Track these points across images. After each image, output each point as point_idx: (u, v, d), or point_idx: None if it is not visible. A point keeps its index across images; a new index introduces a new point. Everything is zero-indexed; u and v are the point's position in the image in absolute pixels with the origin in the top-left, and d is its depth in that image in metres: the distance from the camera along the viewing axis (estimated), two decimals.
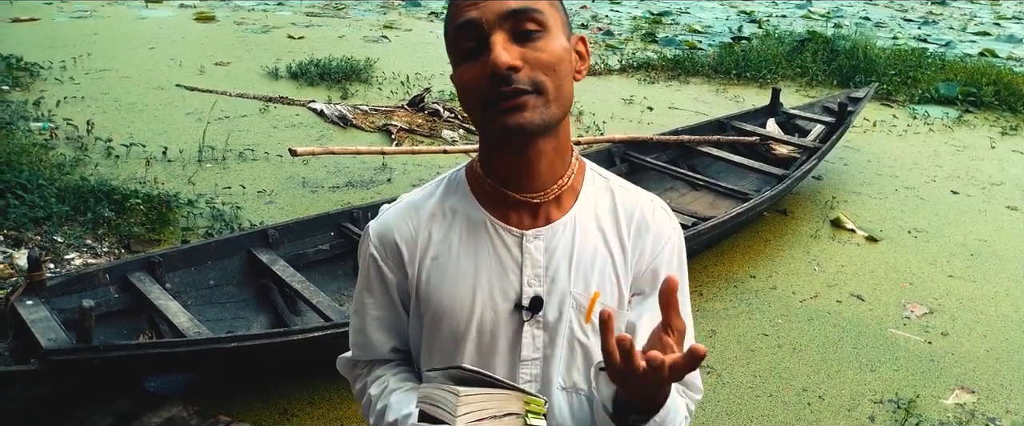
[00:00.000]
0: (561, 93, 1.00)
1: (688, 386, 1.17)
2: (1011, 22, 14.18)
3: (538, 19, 0.98)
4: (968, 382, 3.21)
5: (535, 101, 0.97)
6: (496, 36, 0.96)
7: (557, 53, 0.99)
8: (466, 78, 0.99)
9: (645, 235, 1.13)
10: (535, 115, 0.98)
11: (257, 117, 6.12)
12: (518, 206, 1.09)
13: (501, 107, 0.97)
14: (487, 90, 0.97)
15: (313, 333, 2.69)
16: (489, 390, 0.95)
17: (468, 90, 1.00)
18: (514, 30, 0.97)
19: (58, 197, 4.06)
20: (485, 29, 0.97)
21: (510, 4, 0.97)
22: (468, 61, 0.99)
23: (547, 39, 0.99)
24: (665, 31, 11.24)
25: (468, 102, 1.02)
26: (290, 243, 3.48)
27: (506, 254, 1.09)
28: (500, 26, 0.97)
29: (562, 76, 1.00)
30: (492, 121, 0.99)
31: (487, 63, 0.95)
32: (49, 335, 2.50)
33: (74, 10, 10.43)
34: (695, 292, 3.79)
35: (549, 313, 1.09)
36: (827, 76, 8.41)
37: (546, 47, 0.98)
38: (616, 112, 6.78)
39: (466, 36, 0.98)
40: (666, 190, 4.76)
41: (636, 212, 1.14)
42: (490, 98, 0.97)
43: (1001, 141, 6.64)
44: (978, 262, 4.30)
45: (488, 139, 1.07)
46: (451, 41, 1.02)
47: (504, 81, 0.95)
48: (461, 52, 1.00)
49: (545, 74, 0.98)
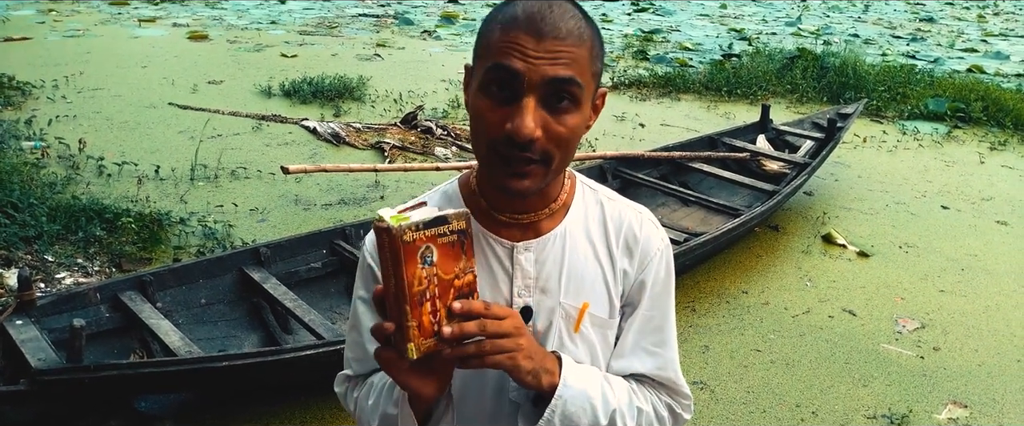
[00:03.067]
0: (564, 163, 1.04)
1: (674, 391, 1.19)
2: (998, 39, 14.33)
3: (575, 93, 0.98)
4: (961, 397, 3.22)
5: (538, 171, 1.00)
6: (529, 99, 0.96)
7: (576, 129, 1.01)
8: (485, 116, 0.99)
9: (634, 247, 1.15)
10: (534, 183, 1.01)
11: (250, 135, 6.13)
12: (509, 223, 1.12)
13: (507, 170, 0.99)
14: (499, 143, 0.98)
15: (305, 351, 2.67)
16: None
17: (483, 126, 1.00)
18: (548, 95, 0.97)
19: (49, 216, 4.05)
20: (523, 86, 0.96)
21: (559, 72, 0.96)
22: (493, 99, 0.99)
23: (573, 113, 1.00)
24: (656, 49, 11.31)
25: (477, 133, 1.02)
26: (282, 261, 3.47)
27: (497, 265, 1.11)
28: (538, 90, 0.96)
29: (571, 148, 1.02)
30: (494, 172, 1.01)
31: (511, 120, 0.96)
32: (39, 355, 2.49)
33: (67, 29, 10.44)
34: (688, 308, 3.80)
35: (539, 323, 1.12)
36: (817, 93, 8.47)
37: (569, 122, 0.99)
38: (608, 129, 6.81)
39: (502, 77, 0.97)
40: (658, 206, 4.78)
41: (625, 224, 1.16)
42: (500, 152, 0.99)
43: (990, 156, 6.69)
44: (969, 277, 4.32)
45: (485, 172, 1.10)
46: (483, 61, 1.00)
47: (520, 147, 0.97)
48: (489, 86, 0.99)
49: (557, 147, 1.00)
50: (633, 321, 1.16)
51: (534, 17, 0.96)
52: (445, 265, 0.95)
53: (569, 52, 0.96)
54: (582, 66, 0.98)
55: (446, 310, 0.95)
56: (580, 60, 0.98)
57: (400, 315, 0.93)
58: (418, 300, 0.93)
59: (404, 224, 0.91)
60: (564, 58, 0.96)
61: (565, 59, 0.96)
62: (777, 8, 18.19)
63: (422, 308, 0.94)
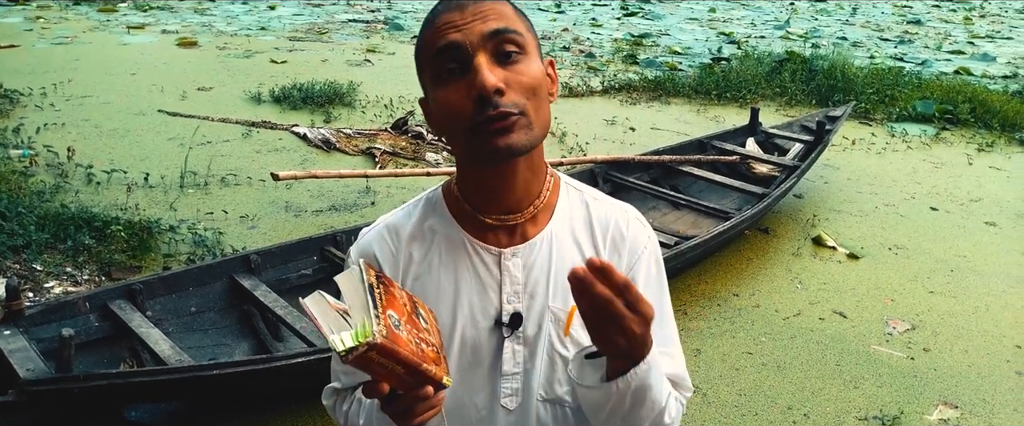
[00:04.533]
0: (540, 115, 1.02)
1: (678, 384, 1.18)
2: (984, 41, 14.44)
3: (518, 41, 1.00)
4: (951, 397, 3.23)
5: (520, 121, 0.99)
6: (480, 58, 0.98)
7: (536, 76, 1.01)
8: (449, 101, 1.00)
9: (621, 245, 1.15)
10: (522, 137, 1.00)
11: (240, 142, 6.11)
12: (495, 226, 1.11)
13: (491, 129, 0.98)
14: (473, 113, 0.98)
15: (296, 359, 2.67)
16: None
17: (451, 113, 1.00)
18: (495, 51, 0.99)
19: (37, 225, 4.02)
20: (469, 51, 0.98)
21: (491, 25, 0.99)
22: (449, 84, 1.00)
23: (526, 62, 1.01)
24: (646, 53, 11.34)
25: (450, 125, 1.02)
26: (273, 268, 3.46)
27: (485, 273, 1.11)
28: (483, 47, 0.98)
29: (541, 98, 1.02)
30: (480, 143, 1.00)
31: (472, 85, 0.97)
32: (27, 365, 2.47)
33: (55, 36, 10.39)
34: (679, 311, 3.80)
35: (528, 328, 1.12)
36: (806, 95, 8.51)
37: (527, 70, 1.00)
38: (598, 133, 6.83)
39: (448, 59, 0.99)
40: (649, 209, 4.79)
41: (611, 223, 1.16)
42: (478, 120, 0.98)
43: (978, 158, 6.73)
44: (958, 278, 4.34)
45: (466, 160, 1.09)
46: (429, 65, 1.02)
47: (491, 104, 0.97)
48: (441, 75, 1.01)
49: (527, 98, 1.00)
50: None
51: (450, 1, 1.02)
52: (398, 308, 0.96)
53: (492, 7, 1.00)
54: (511, 17, 1.01)
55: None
56: (506, 13, 1.01)
57: (420, 376, 0.94)
58: (419, 356, 0.93)
59: (374, 332, 0.89)
60: (492, 13, 1.00)
61: (493, 13, 1.00)
62: (765, 12, 18.28)
63: (424, 353, 0.95)
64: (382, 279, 0.98)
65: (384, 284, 0.98)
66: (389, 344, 0.89)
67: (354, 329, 0.91)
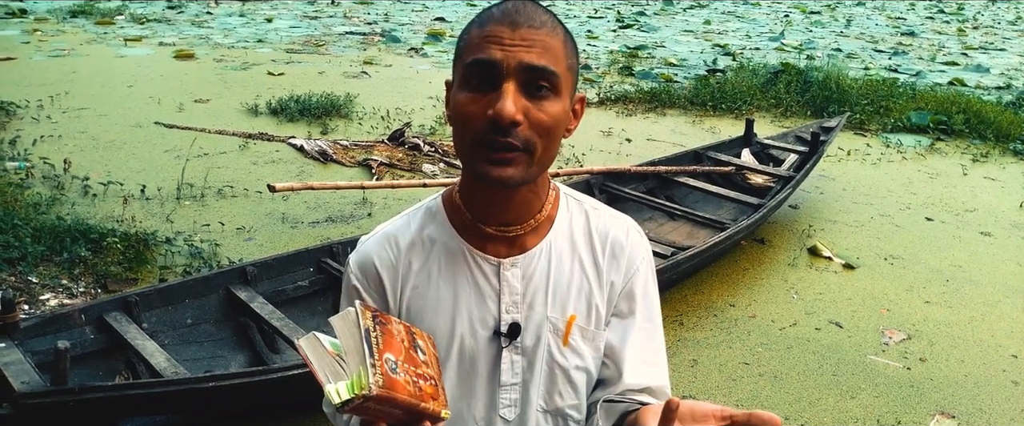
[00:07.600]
0: (547, 154, 1.03)
1: (659, 395, 1.17)
2: (978, 52, 14.52)
3: (553, 81, 1.00)
4: (948, 407, 3.23)
5: (522, 158, 1.00)
6: (509, 84, 0.98)
7: (557, 117, 1.02)
8: (466, 109, 1.01)
9: (620, 256, 1.16)
10: (517, 172, 1.01)
11: (236, 154, 6.11)
12: (495, 236, 1.11)
13: (490, 157, 0.99)
14: (482, 131, 0.99)
15: (293, 371, 2.66)
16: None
17: (464, 121, 1.01)
18: (527, 82, 0.99)
19: (33, 237, 4.02)
20: (503, 72, 0.98)
21: (533, 60, 0.98)
22: (473, 92, 1.00)
23: (553, 101, 1.01)
24: (641, 64, 11.39)
25: (459, 126, 1.03)
26: (269, 280, 3.46)
27: (484, 282, 1.11)
28: (516, 77, 0.98)
29: (553, 139, 1.03)
30: (477, 162, 1.01)
31: (492, 106, 0.97)
32: (22, 378, 2.46)
33: (52, 49, 10.41)
34: (675, 322, 3.80)
35: (527, 339, 1.12)
36: (801, 107, 8.55)
37: (550, 109, 1.00)
38: (595, 144, 6.84)
39: (481, 69, 1.00)
40: (645, 220, 4.79)
41: (610, 234, 1.16)
42: (483, 140, 0.99)
43: (973, 168, 6.76)
44: (954, 287, 4.35)
45: (467, 168, 1.10)
46: (463, 63, 1.03)
47: (502, 132, 0.97)
48: (470, 80, 1.01)
49: (539, 136, 1.00)
50: (629, 333, 1.15)
51: (509, 11, 1.01)
52: (395, 348, 0.95)
53: (543, 40, 1.00)
54: (557, 56, 1.01)
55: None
56: (554, 49, 1.01)
57: (417, 415, 0.94)
58: (417, 396, 0.93)
59: (370, 385, 0.88)
60: (539, 45, 0.99)
61: (540, 47, 0.99)
62: (760, 24, 18.37)
63: (422, 392, 0.94)
64: (378, 319, 0.97)
65: (380, 323, 0.96)
66: (386, 393, 0.89)
67: (350, 380, 0.90)
